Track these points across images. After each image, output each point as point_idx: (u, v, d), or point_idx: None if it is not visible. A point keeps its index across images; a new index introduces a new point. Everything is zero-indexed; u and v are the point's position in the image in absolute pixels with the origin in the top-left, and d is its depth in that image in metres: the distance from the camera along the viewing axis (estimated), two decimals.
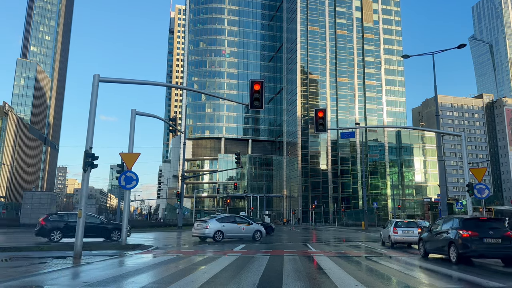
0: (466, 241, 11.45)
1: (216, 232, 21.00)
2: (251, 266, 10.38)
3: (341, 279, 8.42)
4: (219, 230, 21.17)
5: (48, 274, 8.84)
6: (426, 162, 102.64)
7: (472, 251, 11.41)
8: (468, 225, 11.94)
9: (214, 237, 20.90)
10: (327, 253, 14.69)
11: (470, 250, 11.40)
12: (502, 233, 11.56)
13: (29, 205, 34.24)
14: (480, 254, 11.57)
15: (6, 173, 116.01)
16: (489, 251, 11.48)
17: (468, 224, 12.00)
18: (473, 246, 11.36)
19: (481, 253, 11.51)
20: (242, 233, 22.27)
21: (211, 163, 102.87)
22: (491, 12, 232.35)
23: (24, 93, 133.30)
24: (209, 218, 22.06)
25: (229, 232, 21.67)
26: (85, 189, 12.80)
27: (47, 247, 15.57)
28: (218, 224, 21.37)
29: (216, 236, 20.93)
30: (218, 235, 21.03)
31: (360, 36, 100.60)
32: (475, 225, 11.92)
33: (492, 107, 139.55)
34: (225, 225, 21.57)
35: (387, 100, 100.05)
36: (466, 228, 11.79)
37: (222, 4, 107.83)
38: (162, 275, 8.85)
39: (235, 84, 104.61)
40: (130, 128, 17.74)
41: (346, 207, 78.85)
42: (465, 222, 12.09)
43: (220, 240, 21.06)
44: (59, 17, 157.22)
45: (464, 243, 11.46)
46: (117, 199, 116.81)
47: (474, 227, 11.81)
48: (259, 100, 15.38)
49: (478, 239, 11.42)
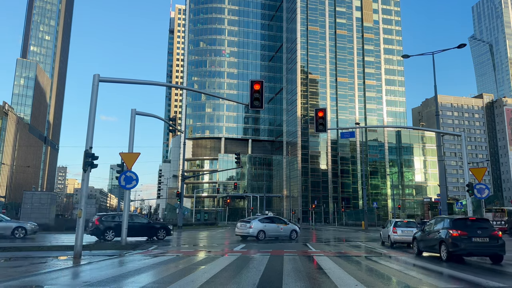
0: (456, 240, 11.99)
1: (259, 231, 22.52)
2: (251, 266, 10.38)
3: (341, 279, 8.42)
4: (261, 230, 22.68)
5: (48, 274, 8.84)
6: (426, 162, 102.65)
7: (461, 250, 11.95)
8: (457, 225, 12.46)
9: (258, 236, 22.33)
10: (327, 253, 14.69)
11: (459, 249, 11.95)
12: (489, 233, 12.08)
13: (29, 205, 34.21)
14: (469, 252, 12.11)
15: (6, 172, 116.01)
16: (478, 249, 12.01)
17: (458, 224, 12.53)
18: (462, 245, 11.90)
19: (470, 252, 12.05)
20: (280, 232, 23.63)
21: (211, 163, 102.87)
22: (491, 12, 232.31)
23: (24, 93, 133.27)
24: (252, 219, 23.59)
25: (269, 232, 23.12)
26: (85, 189, 12.80)
27: (47, 247, 15.58)
28: (260, 224, 22.91)
29: (259, 235, 22.41)
30: (261, 235, 22.49)
31: (360, 36, 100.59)
32: (464, 225, 12.43)
33: (492, 107, 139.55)
34: (266, 225, 23.10)
35: (387, 100, 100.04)
36: (456, 227, 12.31)
37: (222, 4, 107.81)
38: (162, 275, 8.86)
39: (235, 84, 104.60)
40: (130, 128, 17.75)
41: (346, 207, 78.79)
42: (455, 222, 12.62)
43: (262, 239, 22.33)
44: (59, 17, 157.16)
45: (454, 242, 12.01)
46: (117, 199, 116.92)
47: (464, 227, 12.33)
48: (259, 100, 15.38)
49: (467, 238, 11.95)
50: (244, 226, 22.98)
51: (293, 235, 23.76)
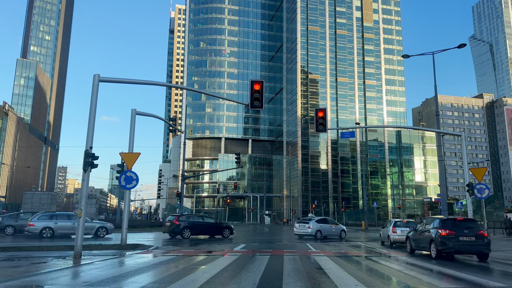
0: (444, 239, 12.76)
1: (317, 231, 24.94)
2: (251, 266, 10.38)
3: (341, 279, 8.43)
4: (318, 229, 25.08)
5: (48, 274, 8.84)
6: (426, 162, 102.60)
7: (449, 248, 12.73)
8: (446, 224, 13.24)
9: (316, 235, 24.78)
10: (327, 253, 14.69)
11: (447, 247, 12.73)
12: (476, 232, 12.84)
13: (29, 205, 34.26)
14: (456, 250, 12.87)
15: (6, 173, 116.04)
16: (464, 247, 12.79)
17: (446, 224, 13.31)
18: (450, 243, 12.67)
19: (457, 249, 12.83)
20: (333, 232, 25.96)
21: (211, 163, 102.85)
22: (491, 12, 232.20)
23: (24, 93, 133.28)
24: (309, 220, 26.22)
25: (324, 231, 25.41)
26: (85, 189, 12.80)
27: (47, 247, 15.57)
28: (317, 224, 25.38)
29: (317, 234, 24.84)
30: (318, 234, 24.88)
31: (360, 35, 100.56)
32: (452, 225, 13.20)
33: (492, 107, 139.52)
34: (322, 226, 25.52)
35: (387, 100, 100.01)
36: (445, 227, 13.07)
37: (222, 4, 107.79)
38: (162, 275, 8.86)
39: (235, 84, 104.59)
40: (130, 128, 17.74)
41: (346, 207, 78.73)
42: (444, 222, 13.39)
43: (319, 237, 24.72)
44: (59, 17, 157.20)
45: (443, 240, 12.78)
46: (117, 199, 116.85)
47: (452, 226, 13.09)
48: (259, 100, 15.38)
49: (455, 237, 12.71)
50: (303, 226, 25.41)
51: (343, 234, 26.15)
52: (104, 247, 15.59)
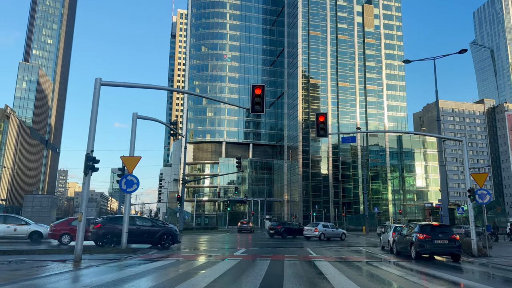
0: (422, 242, 14.52)
1: (321, 233, 30.24)
2: (252, 271, 10.35)
3: (342, 284, 8.39)
4: (322, 232, 30.41)
5: (48, 277, 8.82)
6: (427, 167, 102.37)
7: (426, 250, 14.50)
8: (424, 229, 15.05)
9: (320, 237, 29.99)
10: (328, 258, 14.64)
11: (424, 249, 14.47)
12: (449, 236, 14.67)
13: (30, 208, 34.23)
14: (432, 252, 14.70)
15: (7, 176, 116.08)
16: (439, 249, 14.67)
17: (424, 229, 15.12)
18: (427, 246, 14.45)
19: (433, 251, 14.67)
20: (334, 234, 31.56)
21: (212, 167, 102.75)
22: (492, 18, 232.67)
23: (26, 96, 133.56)
24: (316, 225, 31.36)
25: (327, 234, 30.86)
26: (86, 192, 12.80)
27: (46, 250, 15.54)
28: (322, 228, 30.92)
29: (321, 236, 30.10)
30: (322, 236, 30.24)
31: (361, 41, 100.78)
32: (429, 230, 15.04)
33: (493, 112, 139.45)
34: (325, 229, 31.03)
35: (388, 105, 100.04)
36: (422, 232, 14.84)
37: (224, 9, 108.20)
38: (162, 279, 8.83)
39: (237, 88, 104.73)
40: (131, 131, 17.76)
41: (347, 212, 78.54)
42: (422, 228, 15.21)
43: (323, 239, 29.95)
44: (61, 21, 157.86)
45: (420, 243, 14.52)
46: (117, 203, 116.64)
47: (428, 231, 14.92)
48: (260, 104, 15.40)
49: (431, 240, 14.50)
50: (311, 230, 30.67)
51: (343, 236, 31.76)
52: (104, 251, 15.55)
